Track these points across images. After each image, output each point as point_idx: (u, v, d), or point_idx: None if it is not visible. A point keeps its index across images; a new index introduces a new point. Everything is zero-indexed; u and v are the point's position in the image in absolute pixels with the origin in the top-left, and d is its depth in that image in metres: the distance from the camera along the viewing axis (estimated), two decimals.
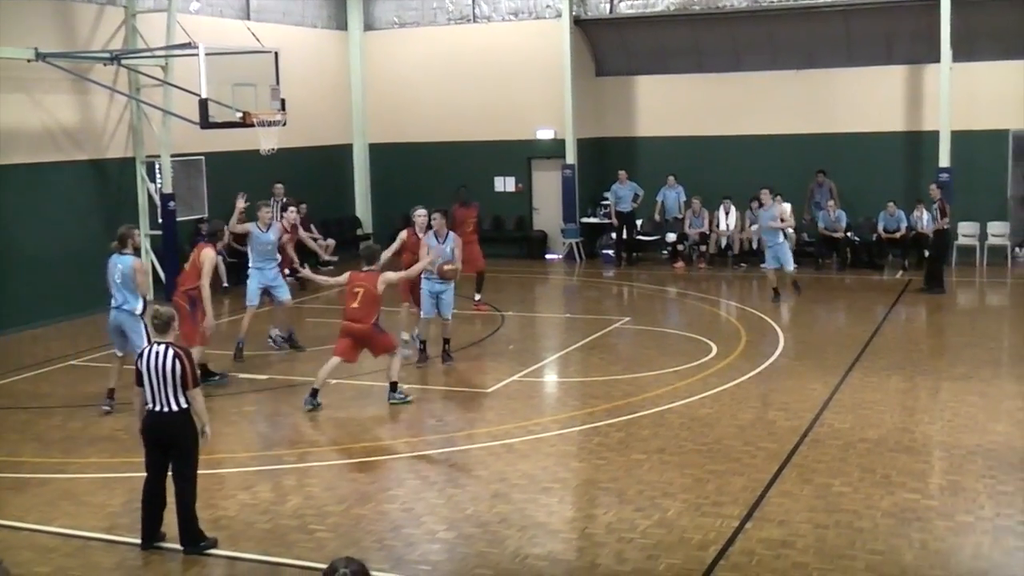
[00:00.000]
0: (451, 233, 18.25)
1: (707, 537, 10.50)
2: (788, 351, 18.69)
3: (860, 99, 28.56)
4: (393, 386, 15.78)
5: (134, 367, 10.70)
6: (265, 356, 19.28)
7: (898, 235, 26.99)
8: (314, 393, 15.66)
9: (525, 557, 10.26)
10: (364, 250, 16.42)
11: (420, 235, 18.44)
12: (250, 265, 19.14)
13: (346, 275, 15.90)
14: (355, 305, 15.55)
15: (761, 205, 24.26)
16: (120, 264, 15.35)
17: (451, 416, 15.43)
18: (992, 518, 10.90)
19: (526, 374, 17.48)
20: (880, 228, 27.23)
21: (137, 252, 15.84)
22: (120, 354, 15.58)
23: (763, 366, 17.42)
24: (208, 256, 16.49)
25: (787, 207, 23.99)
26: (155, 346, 10.57)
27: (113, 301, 15.40)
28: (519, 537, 10.72)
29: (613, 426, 14.40)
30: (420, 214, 18.67)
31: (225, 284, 25.39)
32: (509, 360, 18.51)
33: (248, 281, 19.17)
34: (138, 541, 10.75)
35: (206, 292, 16.41)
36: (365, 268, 15.80)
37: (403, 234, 19.05)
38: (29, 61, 21.58)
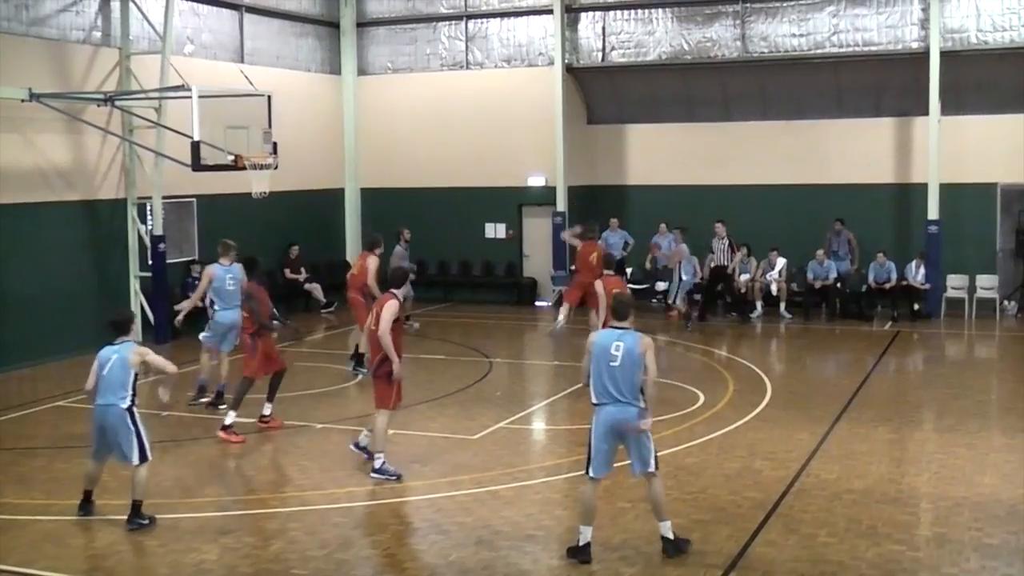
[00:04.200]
0: None
1: None
2: (776, 401, 18.66)
3: (849, 151, 28.68)
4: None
5: None
6: (254, 399, 19.23)
7: (888, 286, 27.04)
8: None
9: None
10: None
11: None
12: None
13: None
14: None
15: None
16: None
17: (436, 462, 15.36)
18: (978, 571, 10.87)
19: (513, 421, 17.46)
20: (870, 279, 27.25)
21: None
22: None
23: (750, 416, 17.39)
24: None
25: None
26: None
27: None
28: None
29: None
30: None
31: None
32: (496, 407, 18.49)
33: None
34: None
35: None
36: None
37: None
38: (23, 101, 21.63)
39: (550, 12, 30.19)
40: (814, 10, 28.23)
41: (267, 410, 17.12)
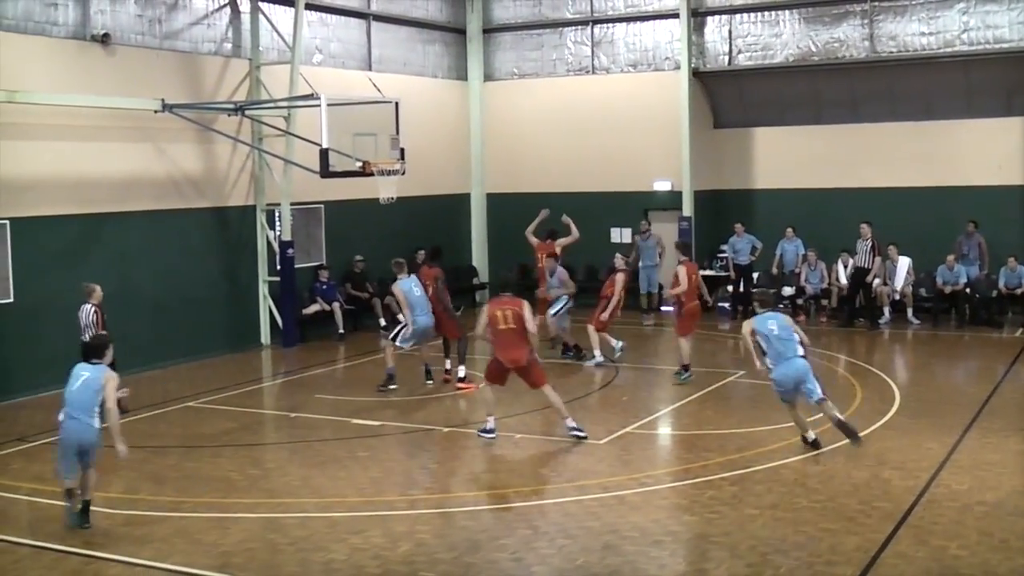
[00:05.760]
0: None
1: None
2: (904, 409, 18.34)
3: (980, 152, 28.09)
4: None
5: None
6: (380, 401, 19.46)
7: (1019, 292, 26.44)
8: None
9: None
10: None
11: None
12: None
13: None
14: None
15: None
16: None
17: (563, 467, 15.40)
18: None
19: (639, 426, 17.42)
20: (1001, 284, 26.69)
21: None
22: None
23: (878, 424, 17.13)
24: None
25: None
26: None
27: None
28: None
29: (726, 480, 14.28)
30: None
31: (341, 331, 25.86)
32: (623, 411, 18.49)
33: None
34: None
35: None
36: None
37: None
38: (156, 112, 22.11)
39: (676, 16, 30.08)
40: (944, 7, 27.71)
41: (462, 372, 20.36)
